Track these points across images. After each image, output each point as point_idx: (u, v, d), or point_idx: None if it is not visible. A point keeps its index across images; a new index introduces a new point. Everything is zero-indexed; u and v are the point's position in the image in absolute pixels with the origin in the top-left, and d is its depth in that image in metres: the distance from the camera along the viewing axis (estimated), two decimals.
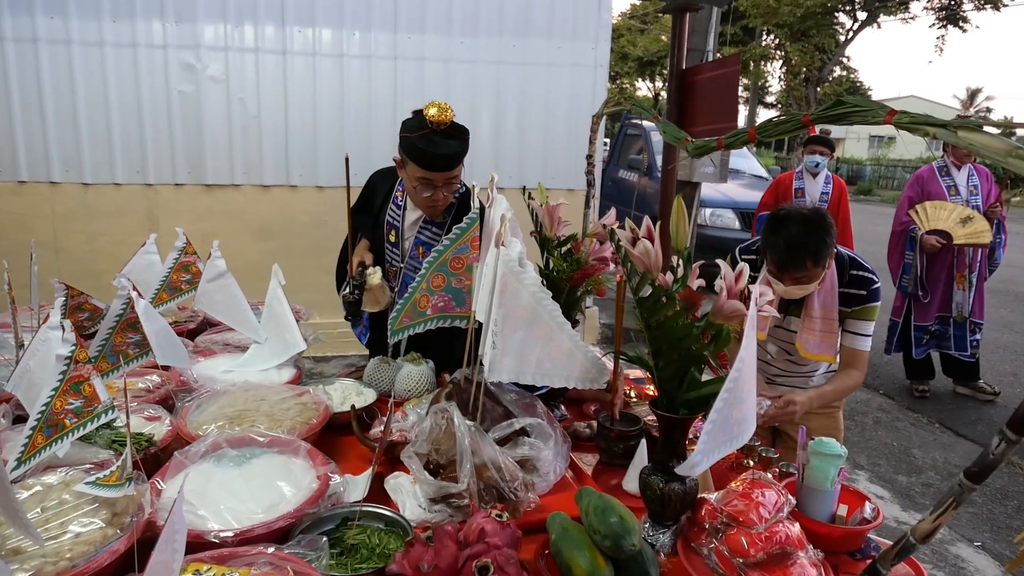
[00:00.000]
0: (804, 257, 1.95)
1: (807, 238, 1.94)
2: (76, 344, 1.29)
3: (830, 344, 2.13)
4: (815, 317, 2.11)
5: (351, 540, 1.31)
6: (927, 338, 4.92)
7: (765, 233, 2.04)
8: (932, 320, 4.86)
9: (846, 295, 2.12)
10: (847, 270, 2.12)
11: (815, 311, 2.11)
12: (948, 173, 4.73)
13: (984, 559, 3.13)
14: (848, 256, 2.15)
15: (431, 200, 2.15)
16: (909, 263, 4.81)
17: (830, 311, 2.10)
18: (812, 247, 1.94)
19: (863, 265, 2.13)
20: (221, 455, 1.48)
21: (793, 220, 1.97)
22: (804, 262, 1.95)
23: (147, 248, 2.41)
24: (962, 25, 16.84)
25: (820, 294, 2.09)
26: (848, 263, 2.13)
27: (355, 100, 4.93)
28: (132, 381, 1.90)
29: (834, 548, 1.39)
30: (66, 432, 1.28)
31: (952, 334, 4.85)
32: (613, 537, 1.20)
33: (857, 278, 2.12)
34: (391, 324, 1.95)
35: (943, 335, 4.89)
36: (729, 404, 1.11)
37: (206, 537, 1.19)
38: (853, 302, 2.12)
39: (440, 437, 1.49)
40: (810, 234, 1.94)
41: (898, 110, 1.10)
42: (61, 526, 1.15)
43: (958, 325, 4.83)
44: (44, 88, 4.43)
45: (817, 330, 2.12)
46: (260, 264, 2.43)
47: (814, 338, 2.12)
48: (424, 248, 2.28)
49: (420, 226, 2.29)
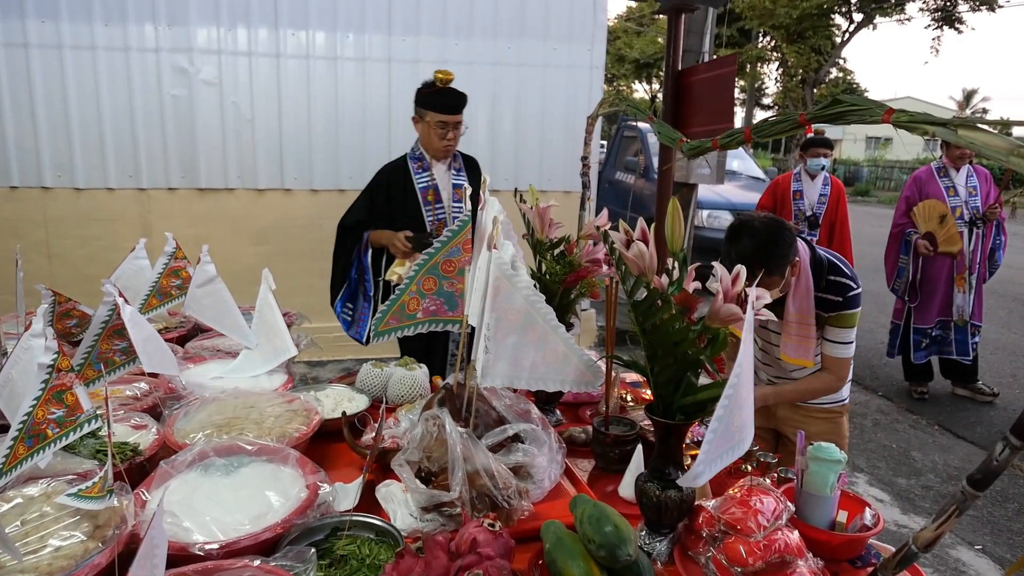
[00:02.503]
0: (753, 267, 1.92)
1: (754, 251, 1.91)
2: (59, 352, 1.26)
3: (807, 348, 2.10)
4: (791, 322, 2.09)
5: (341, 551, 1.28)
6: (926, 342, 4.85)
7: (724, 242, 2.02)
8: (932, 323, 4.79)
9: (822, 300, 2.08)
10: (824, 275, 2.09)
11: (791, 315, 2.08)
12: (947, 174, 4.67)
13: (985, 562, 3.10)
14: (828, 261, 2.10)
15: (447, 142, 2.79)
16: (903, 267, 4.77)
17: (806, 316, 2.08)
18: (761, 259, 1.89)
19: (842, 271, 2.09)
20: (208, 464, 1.45)
21: (745, 231, 1.94)
22: (753, 272, 1.91)
23: (136, 253, 2.38)
24: (957, 26, 16.86)
25: (796, 299, 2.06)
26: (827, 268, 2.09)
27: (349, 103, 4.91)
28: (120, 389, 1.88)
29: (834, 556, 1.37)
30: (48, 442, 1.25)
31: (953, 338, 4.78)
32: (608, 547, 1.17)
33: (834, 284, 2.08)
34: (375, 325, 1.91)
35: (944, 340, 4.81)
36: (729, 411, 1.08)
37: (191, 550, 1.16)
38: (830, 308, 2.09)
39: (432, 444, 1.46)
40: (758, 246, 1.91)
41: (896, 109, 1.08)
42: (41, 540, 1.12)
43: (959, 329, 4.75)
44: (36, 93, 4.39)
45: (793, 334, 2.10)
46: (255, 268, 2.41)
47: (791, 342, 2.11)
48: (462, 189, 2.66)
49: (451, 173, 2.89)
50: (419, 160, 2.88)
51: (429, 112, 2.76)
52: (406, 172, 2.87)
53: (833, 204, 4.93)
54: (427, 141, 2.83)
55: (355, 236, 2.87)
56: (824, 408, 2.27)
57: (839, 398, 2.28)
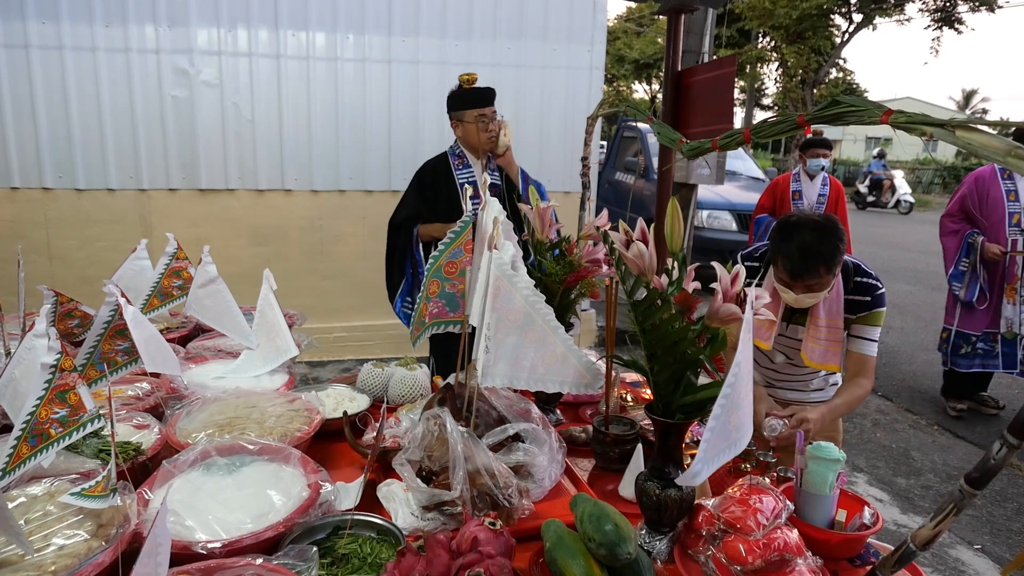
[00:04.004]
0: (818, 264, 1.91)
1: (820, 244, 1.90)
2: (62, 352, 1.26)
3: (835, 353, 2.09)
4: (821, 326, 2.08)
5: (342, 549, 1.29)
6: (968, 348, 4.57)
7: (776, 240, 1.99)
8: (979, 332, 4.51)
9: (851, 302, 2.09)
10: (852, 277, 2.10)
11: (821, 320, 2.07)
12: (1011, 176, 4.35)
13: (984, 562, 3.11)
14: (852, 263, 2.11)
15: (490, 132, 2.99)
16: (964, 271, 4.47)
17: (836, 319, 2.07)
18: (826, 253, 1.90)
19: (867, 272, 2.11)
20: (210, 464, 1.45)
21: (806, 227, 1.93)
22: (818, 269, 1.91)
23: (138, 254, 2.38)
24: (957, 27, 16.86)
25: (826, 302, 2.06)
26: (853, 270, 2.10)
27: (349, 103, 4.92)
28: (122, 389, 1.88)
29: (833, 554, 1.37)
30: (51, 442, 1.25)
31: (1000, 351, 4.50)
32: (608, 545, 1.18)
33: (862, 285, 2.09)
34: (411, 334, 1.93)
35: (989, 353, 4.53)
36: (727, 410, 1.09)
37: (193, 548, 1.17)
38: (859, 309, 2.09)
39: (433, 443, 1.47)
40: (823, 240, 1.90)
41: (894, 110, 1.09)
42: (45, 538, 1.13)
43: (1007, 342, 4.46)
44: (36, 94, 4.40)
45: (823, 339, 2.08)
46: (255, 269, 2.42)
47: (819, 347, 2.09)
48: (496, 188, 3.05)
49: (487, 172, 3.08)
50: (459, 157, 3.10)
51: (467, 111, 2.98)
52: (447, 167, 3.08)
53: (832, 205, 4.92)
54: (470, 138, 3.03)
55: (407, 232, 3.04)
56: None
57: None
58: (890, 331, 6.98)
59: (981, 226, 4.43)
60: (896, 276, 9.68)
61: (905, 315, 7.63)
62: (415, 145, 5.00)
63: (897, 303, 8.14)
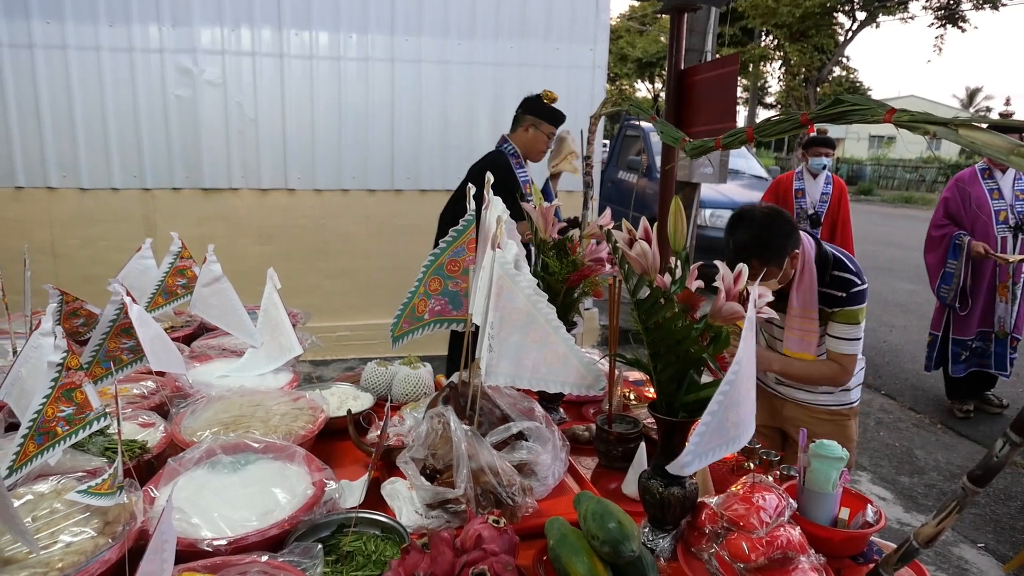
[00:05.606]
0: (749, 256, 1.96)
1: (751, 240, 1.98)
2: (68, 350, 1.27)
3: (809, 343, 2.12)
4: (795, 316, 2.11)
5: (347, 547, 1.29)
6: (966, 354, 4.57)
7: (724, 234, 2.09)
8: (973, 334, 4.52)
9: (825, 295, 2.10)
10: (829, 270, 2.10)
11: (795, 310, 2.11)
12: (991, 176, 4.38)
13: (987, 560, 3.11)
14: (833, 256, 2.12)
15: (548, 147, 3.45)
16: (951, 272, 4.44)
17: (809, 310, 2.10)
18: (757, 248, 1.97)
19: (847, 267, 2.10)
20: (215, 461, 1.46)
21: (743, 222, 2.02)
22: (750, 261, 1.94)
23: (143, 253, 2.39)
24: (961, 25, 16.84)
25: (799, 292, 2.09)
26: (832, 263, 2.11)
27: (352, 103, 4.92)
28: (127, 387, 1.89)
29: (836, 552, 1.38)
30: (58, 440, 1.27)
31: (993, 351, 4.51)
32: (612, 543, 1.18)
33: (838, 279, 2.09)
34: (392, 331, 1.93)
35: (984, 352, 4.54)
36: (725, 407, 1.09)
37: (199, 545, 1.17)
38: (833, 303, 2.10)
39: (436, 442, 1.47)
40: (755, 235, 1.98)
41: (897, 108, 1.09)
42: (52, 536, 1.14)
43: (999, 341, 4.48)
44: (40, 93, 4.42)
45: (796, 328, 2.12)
46: (259, 268, 2.42)
47: (795, 336, 2.13)
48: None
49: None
50: (516, 157, 3.39)
51: (545, 123, 3.35)
52: (507, 164, 3.32)
53: (835, 203, 4.91)
54: (531, 145, 3.36)
55: None
56: (831, 410, 2.28)
57: (847, 400, 2.28)
58: (893, 330, 6.97)
59: (968, 228, 4.43)
60: (899, 275, 9.67)
61: (908, 314, 7.62)
62: (417, 144, 5.01)
63: (900, 302, 8.13)
